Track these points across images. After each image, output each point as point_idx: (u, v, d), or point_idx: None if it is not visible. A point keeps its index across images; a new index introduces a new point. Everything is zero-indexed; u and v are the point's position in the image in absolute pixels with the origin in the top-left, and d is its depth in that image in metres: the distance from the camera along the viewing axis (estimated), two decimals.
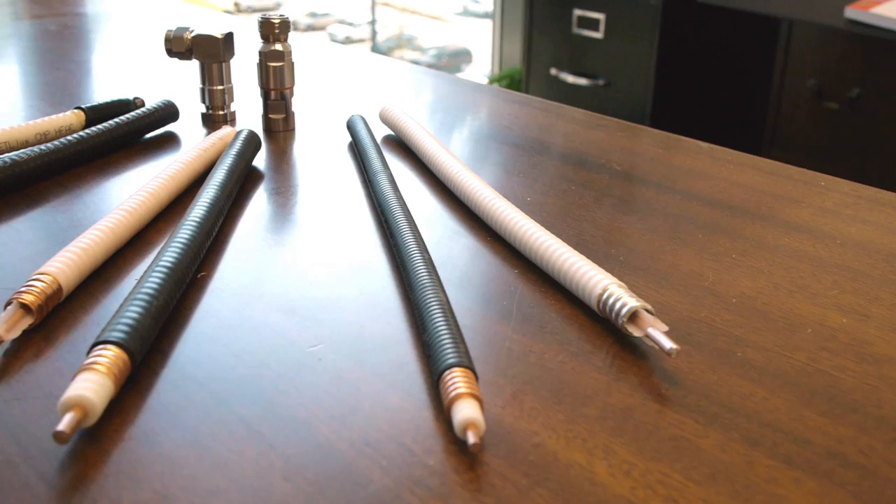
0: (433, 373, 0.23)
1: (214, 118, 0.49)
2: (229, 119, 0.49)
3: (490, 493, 0.20)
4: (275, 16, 0.45)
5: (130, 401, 0.23)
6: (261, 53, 0.46)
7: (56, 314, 0.28)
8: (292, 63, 0.46)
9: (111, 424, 0.22)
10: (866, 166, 1.46)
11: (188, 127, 0.48)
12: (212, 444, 0.22)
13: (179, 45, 0.47)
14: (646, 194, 0.39)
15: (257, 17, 0.46)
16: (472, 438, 0.21)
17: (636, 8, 1.63)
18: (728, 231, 0.35)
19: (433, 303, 0.26)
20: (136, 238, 0.33)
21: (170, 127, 0.47)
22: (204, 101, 0.49)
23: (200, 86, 0.48)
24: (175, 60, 0.48)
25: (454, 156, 0.40)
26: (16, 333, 0.26)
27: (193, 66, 0.49)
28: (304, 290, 0.30)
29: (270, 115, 0.47)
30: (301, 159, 0.44)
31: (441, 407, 0.23)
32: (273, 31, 0.45)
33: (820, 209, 0.38)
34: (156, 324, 0.25)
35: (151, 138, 0.46)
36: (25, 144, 0.42)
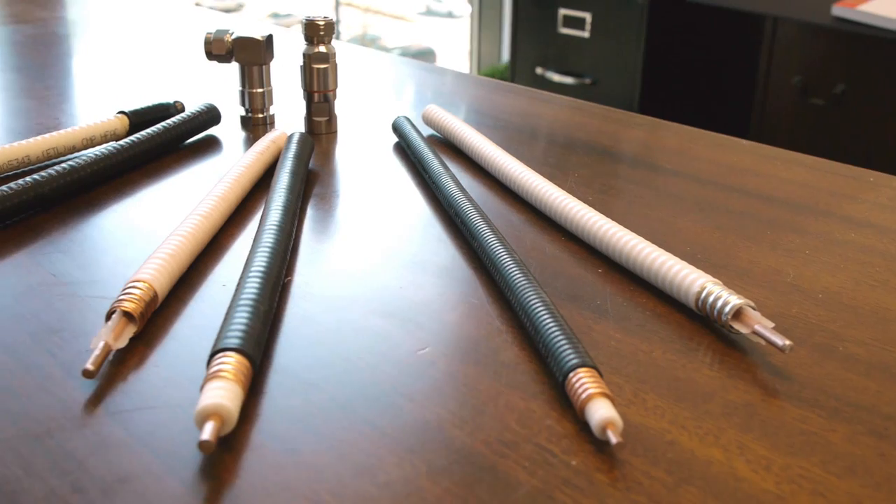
0: (557, 374, 0.24)
1: (254, 121, 0.48)
2: (269, 122, 0.49)
3: (640, 492, 0.20)
4: (319, 18, 0.45)
5: (254, 407, 0.23)
6: (305, 55, 0.45)
7: (151, 321, 0.27)
8: (336, 65, 0.46)
9: (240, 431, 0.22)
10: (851, 162, 1.48)
11: (226, 130, 0.47)
12: (349, 449, 0.22)
13: (220, 48, 0.46)
14: (701, 192, 0.40)
15: (302, 19, 0.45)
16: (614, 438, 0.21)
17: (623, 7, 1.64)
18: (794, 227, 0.36)
19: (538, 303, 0.26)
20: (211, 242, 0.33)
21: (210, 130, 0.47)
22: (243, 104, 0.48)
23: (240, 88, 0.48)
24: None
25: (512, 156, 0.40)
26: (123, 342, 0.25)
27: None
28: (394, 293, 0.30)
29: (314, 118, 0.47)
30: (349, 161, 0.44)
31: (566, 406, 0.23)
32: (318, 33, 0.45)
33: (876, 204, 0.38)
34: (265, 329, 0.25)
35: (192, 142, 0.45)
36: (73, 150, 0.42)
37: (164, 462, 0.21)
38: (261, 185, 0.39)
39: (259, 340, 0.24)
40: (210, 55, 0.47)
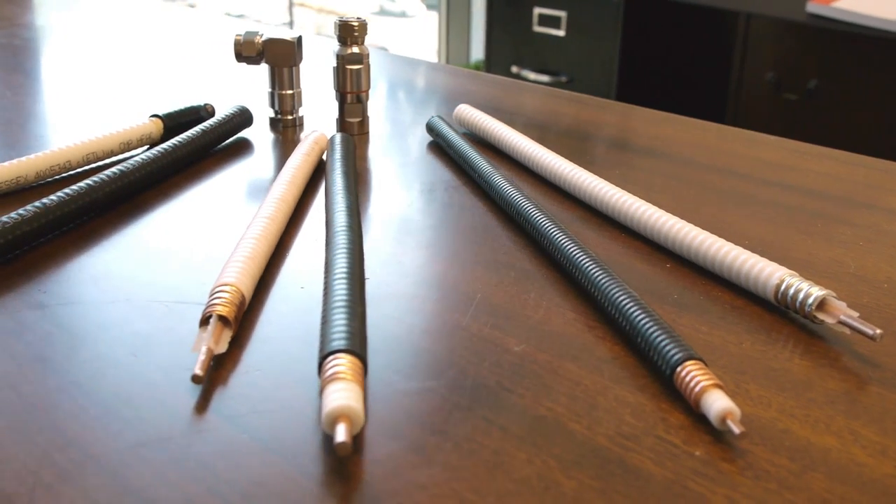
0: (663, 367, 0.24)
1: (284, 123, 0.48)
2: (298, 123, 0.48)
3: (768, 479, 0.21)
4: (353, 19, 0.45)
5: (369, 405, 0.23)
6: (338, 56, 0.45)
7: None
8: (369, 66, 0.46)
9: (362, 430, 0.22)
10: None
11: (255, 132, 0.47)
12: (477, 447, 0.22)
13: (250, 50, 0.46)
14: (741, 186, 0.40)
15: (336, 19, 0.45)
16: (736, 428, 0.22)
17: (598, 5, 1.66)
18: (842, 219, 0.36)
19: (629, 300, 0.27)
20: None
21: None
22: (273, 106, 0.48)
23: (269, 90, 0.48)
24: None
25: (557, 154, 0.40)
26: (224, 347, 0.25)
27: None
28: (471, 293, 0.30)
29: (347, 119, 0.47)
30: (388, 161, 0.44)
31: (674, 398, 0.24)
32: (352, 33, 0.45)
33: None
34: (365, 329, 0.25)
35: (224, 144, 0.45)
36: (111, 154, 0.41)
37: (294, 464, 0.21)
38: (307, 186, 0.39)
39: (364, 340, 0.24)
40: (240, 57, 0.47)
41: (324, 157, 0.42)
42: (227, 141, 0.46)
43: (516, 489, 0.20)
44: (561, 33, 1.73)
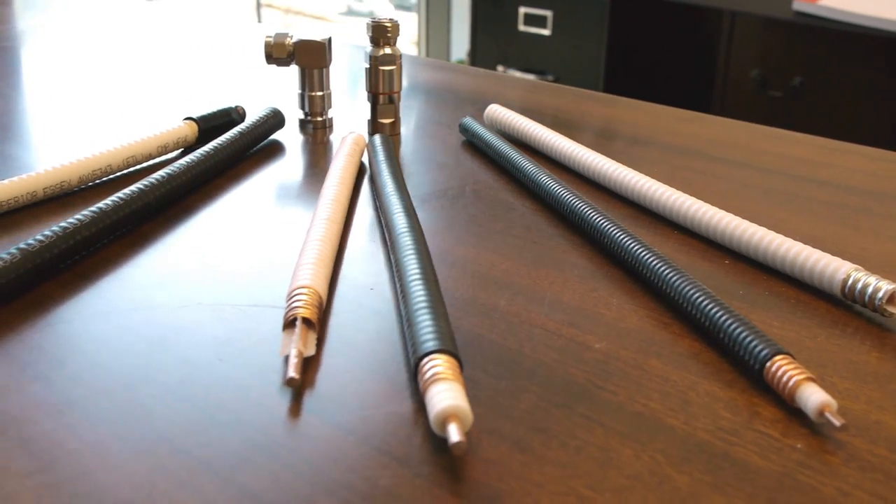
0: (751, 362, 0.24)
1: (315, 124, 0.48)
2: (328, 125, 0.48)
3: (874, 469, 0.21)
4: (385, 19, 0.45)
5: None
6: (371, 57, 0.45)
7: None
8: (401, 66, 0.46)
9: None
10: None
11: (284, 134, 0.47)
12: (582, 444, 0.22)
13: (280, 52, 0.46)
14: (780, 183, 0.41)
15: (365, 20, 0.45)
16: (836, 420, 0.22)
17: (584, 4, 1.67)
18: (886, 214, 0.37)
19: (705, 296, 0.27)
20: None
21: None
22: (303, 108, 0.48)
23: (299, 91, 0.48)
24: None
25: (599, 153, 0.40)
26: (312, 349, 0.25)
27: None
28: (541, 292, 0.30)
29: (379, 119, 0.47)
30: (425, 161, 0.44)
31: (764, 392, 0.24)
32: (385, 34, 0.45)
33: None
34: (451, 328, 0.25)
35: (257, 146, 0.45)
36: (149, 157, 0.41)
37: (406, 465, 0.21)
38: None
39: (454, 340, 0.25)
40: (270, 58, 0.46)
41: (363, 158, 0.42)
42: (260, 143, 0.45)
43: (630, 484, 0.21)
44: (547, 32, 1.74)
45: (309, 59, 0.46)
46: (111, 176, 0.40)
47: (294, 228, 0.35)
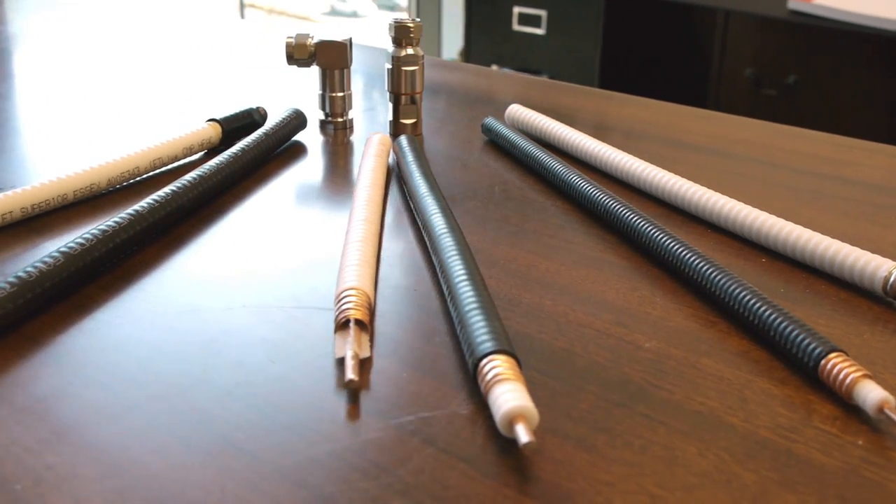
0: (805, 360, 0.24)
1: (335, 125, 0.48)
2: (348, 126, 0.48)
3: None
4: (408, 20, 0.45)
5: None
6: (393, 58, 0.45)
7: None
8: (423, 66, 0.46)
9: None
10: None
11: (304, 134, 0.47)
12: (646, 443, 0.22)
13: (302, 53, 0.46)
14: (804, 182, 0.41)
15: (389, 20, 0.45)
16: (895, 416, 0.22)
17: (579, 3, 1.67)
18: None
19: (750, 295, 0.27)
20: None
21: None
22: (323, 108, 0.48)
23: (320, 92, 0.48)
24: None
25: (626, 153, 0.40)
26: (367, 351, 0.25)
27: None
28: (585, 290, 0.30)
29: (401, 120, 0.47)
30: (450, 161, 0.44)
31: (819, 389, 0.24)
32: (408, 35, 0.45)
33: None
34: (505, 328, 0.25)
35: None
36: (175, 159, 0.41)
37: (474, 466, 0.21)
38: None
39: (510, 340, 0.25)
40: (291, 59, 0.46)
41: (389, 159, 0.42)
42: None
43: (699, 482, 0.21)
44: (541, 32, 1.74)
45: (330, 59, 0.46)
46: (138, 178, 0.39)
47: (327, 229, 0.35)
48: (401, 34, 0.45)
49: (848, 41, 1.43)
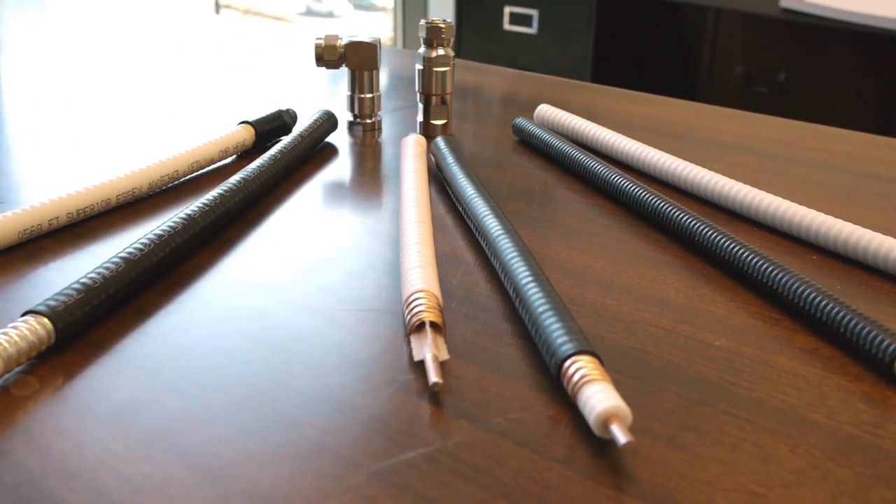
0: (881, 357, 0.25)
1: (364, 126, 0.48)
2: (377, 127, 0.48)
3: None
4: (440, 20, 0.45)
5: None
6: (424, 58, 0.45)
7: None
8: (454, 67, 0.46)
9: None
10: None
11: (333, 136, 0.47)
12: (736, 441, 0.22)
13: (331, 54, 0.46)
14: (841, 180, 0.42)
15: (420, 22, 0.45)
16: None
17: (570, 3, 1.67)
18: None
19: (815, 293, 0.27)
20: None
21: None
22: (352, 110, 0.48)
23: (348, 94, 0.47)
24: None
25: (662, 151, 0.41)
26: (445, 353, 0.25)
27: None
28: (645, 289, 0.30)
29: (432, 121, 0.47)
30: (484, 162, 0.44)
31: (892, 383, 0.24)
32: (439, 35, 0.45)
33: None
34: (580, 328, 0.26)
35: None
36: (211, 161, 0.41)
37: (572, 467, 0.21)
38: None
39: (588, 339, 0.25)
40: (320, 61, 0.46)
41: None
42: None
43: (797, 479, 0.21)
44: (533, 31, 1.75)
45: (359, 60, 0.46)
46: (176, 182, 0.39)
47: (374, 231, 0.35)
48: (432, 35, 0.45)
49: (838, 39, 1.45)
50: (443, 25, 0.45)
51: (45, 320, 0.25)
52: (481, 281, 0.31)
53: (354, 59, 0.46)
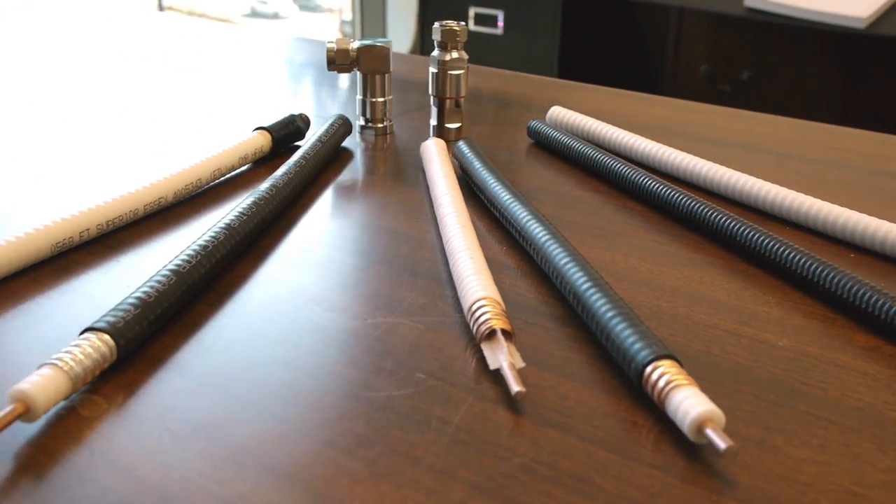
0: None
1: (376, 131, 0.47)
2: (388, 131, 0.48)
3: None
4: (455, 24, 0.45)
5: None
6: (439, 61, 0.45)
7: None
8: (468, 69, 0.46)
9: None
10: None
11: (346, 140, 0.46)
12: (823, 441, 0.22)
13: (343, 58, 0.45)
14: (859, 179, 0.42)
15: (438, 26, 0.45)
16: None
17: (535, 3, 1.68)
18: None
19: (869, 291, 0.28)
20: None
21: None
22: (364, 114, 0.47)
23: (360, 97, 0.47)
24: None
25: (684, 151, 0.41)
26: (521, 361, 0.25)
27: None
28: (695, 291, 0.30)
29: (446, 124, 0.46)
30: (503, 165, 0.43)
31: None
32: (454, 38, 0.45)
33: None
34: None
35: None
36: (232, 168, 0.40)
37: (673, 475, 0.21)
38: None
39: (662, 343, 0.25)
40: (332, 65, 0.45)
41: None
42: None
43: (892, 479, 0.21)
44: (498, 32, 1.75)
45: (372, 64, 0.46)
46: (201, 189, 0.38)
47: (412, 236, 0.34)
48: (447, 38, 0.45)
49: (801, 37, 1.48)
50: (458, 28, 0.44)
51: (107, 337, 0.24)
52: (531, 286, 0.31)
53: (367, 62, 0.46)
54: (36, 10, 0.83)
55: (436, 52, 0.45)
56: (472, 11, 1.77)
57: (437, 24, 0.45)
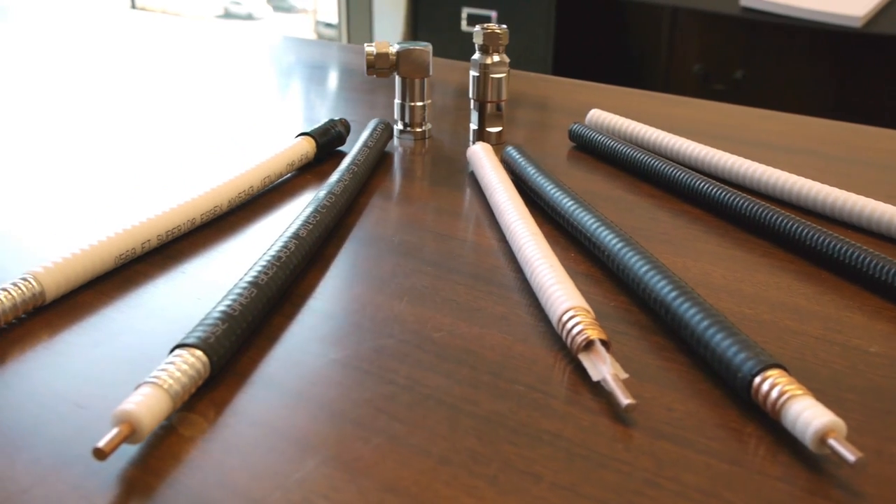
0: None
1: (415, 135, 0.47)
2: (427, 135, 0.47)
3: None
4: (497, 27, 0.44)
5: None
6: (480, 65, 0.44)
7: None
8: (510, 73, 0.45)
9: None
10: None
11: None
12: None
13: (383, 62, 0.45)
14: (883, 176, 0.42)
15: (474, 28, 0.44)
16: None
17: (529, 3, 1.68)
18: None
19: None
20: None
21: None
22: (403, 118, 0.47)
23: (398, 101, 0.46)
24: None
25: (723, 151, 0.41)
26: (622, 371, 0.24)
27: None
28: (760, 292, 0.30)
29: (487, 128, 0.46)
30: (552, 170, 0.43)
31: None
32: (496, 41, 0.44)
33: None
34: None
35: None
36: (280, 175, 0.39)
37: (794, 484, 0.21)
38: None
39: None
40: (372, 69, 0.45)
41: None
42: None
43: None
44: None
45: (411, 68, 0.45)
46: (252, 196, 0.38)
47: (477, 245, 0.34)
48: (489, 41, 0.44)
49: (794, 36, 1.49)
50: (500, 31, 0.44)
51: (200, 353, 0.23)
52: (607, 294, 0.30)
53: (406, 66, 0.45)
54: (12, 14, 0.81)
55: (476, 56, 0.45)
56: (464, 12, 1.77)
57: (478, 27, 0.44)
